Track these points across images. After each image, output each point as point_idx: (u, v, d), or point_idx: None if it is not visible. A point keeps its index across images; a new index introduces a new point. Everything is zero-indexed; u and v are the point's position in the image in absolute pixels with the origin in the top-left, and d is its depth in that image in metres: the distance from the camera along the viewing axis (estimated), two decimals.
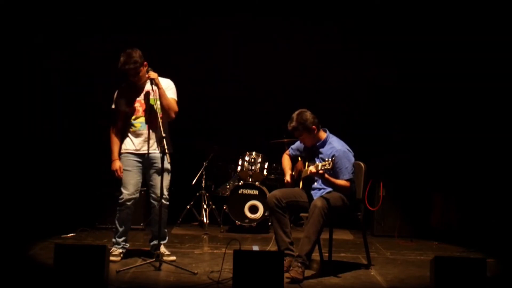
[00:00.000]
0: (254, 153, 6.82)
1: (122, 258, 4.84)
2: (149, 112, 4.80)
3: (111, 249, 4.82)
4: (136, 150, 4.84)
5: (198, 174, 6.84)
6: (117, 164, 4.82)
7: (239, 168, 6.82)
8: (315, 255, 4.84)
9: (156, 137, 4.82)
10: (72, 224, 6.17)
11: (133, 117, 4.84)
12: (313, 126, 4.67)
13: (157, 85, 4.73)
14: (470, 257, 4.58)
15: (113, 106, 4.89)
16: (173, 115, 4.84)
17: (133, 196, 4.85)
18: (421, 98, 7.13)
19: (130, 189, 4.83)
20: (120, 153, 4.86)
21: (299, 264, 4.33)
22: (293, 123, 4.65)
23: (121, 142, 4.88)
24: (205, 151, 6.88)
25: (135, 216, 5.78)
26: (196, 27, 7.28)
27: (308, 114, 4.66)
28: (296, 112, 4.69)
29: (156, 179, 4.81)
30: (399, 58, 7.11)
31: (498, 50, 6.55)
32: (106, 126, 4.94)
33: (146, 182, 4.98)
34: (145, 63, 4.77)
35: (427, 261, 4.28)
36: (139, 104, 4.84)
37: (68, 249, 3.89)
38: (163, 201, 4.72)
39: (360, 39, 7.17)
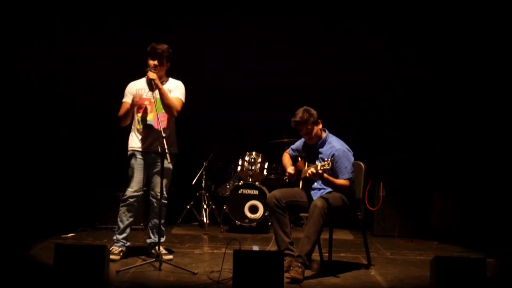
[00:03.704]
0: (254, 153, 6.82)
1: (122, 258, 4.85)
2: (156, 111, 4.84)
3: (111, 248, 4.82)
4: (141, 148, 4.89)
5: (198, 174, 6.83)
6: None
7: (239, 168, 6.81)
8: (315, 255, 4.85)
9: (160, 136, 4.85)
10: (72, 224, 6.17)
11: (139, 115, 4.89)
12: (319, 120, 4.74)
13: (157, 85, 4.75)
14: (470, 257, 4.59)
15: (125, 100, 4.91)
16: (174, 113, 4.86)
17: (136, 194, 4.88)
18: (421, 98, 7.12)
19: (134, 186, 4.88)
20: (127, 150, 4.92)
21: (299, 264, 4.33)
22: (302, 115, 4.67)
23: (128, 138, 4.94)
24: (205, 151, 6.88)
25: (135, 216, 5.81)
26: (194, 27, 7.26)
27: (313, 110, 4.72)
28: (302, 108, 4.73)
29: (157, 178, 4.84)
30: (399, 58, 7.12)
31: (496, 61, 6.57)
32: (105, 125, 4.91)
33: (147, 181, 5.01)
34: (168, 64, 4.89)
35: (427, 261, 4.28)
36: (148, 102, 4.87)
37: (68, 249, 3.89)
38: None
39: (359, 39, 7.16)
